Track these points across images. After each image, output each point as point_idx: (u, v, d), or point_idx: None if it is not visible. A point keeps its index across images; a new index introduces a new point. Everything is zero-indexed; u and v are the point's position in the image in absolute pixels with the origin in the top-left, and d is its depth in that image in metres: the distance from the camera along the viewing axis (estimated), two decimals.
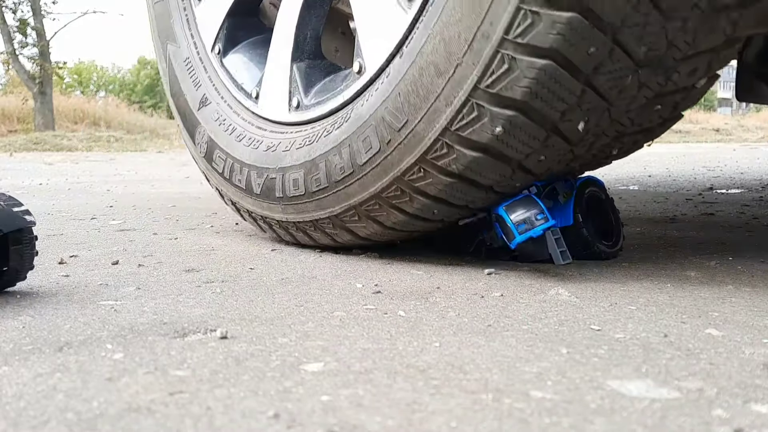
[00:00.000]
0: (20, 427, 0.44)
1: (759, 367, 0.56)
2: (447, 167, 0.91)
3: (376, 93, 0.98)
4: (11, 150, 7.81)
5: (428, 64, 0.88)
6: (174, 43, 1.39)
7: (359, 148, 0.99)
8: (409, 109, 0.91)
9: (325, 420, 0.45)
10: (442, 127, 0.88)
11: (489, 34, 0.80)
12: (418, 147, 0.91)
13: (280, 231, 1.21)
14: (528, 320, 0.72)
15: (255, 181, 1.17)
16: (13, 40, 11.91)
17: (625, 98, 0.86)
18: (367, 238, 1.08)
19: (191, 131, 1.35)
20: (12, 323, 0.70)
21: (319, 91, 1.14)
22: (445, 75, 0.86)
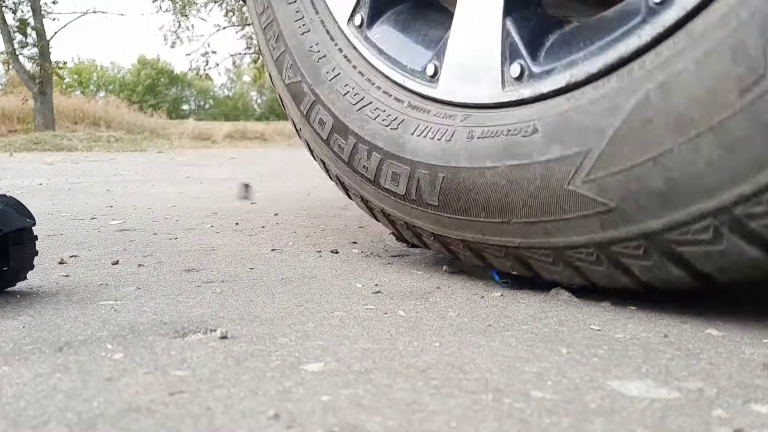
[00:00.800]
0: (20, 427, 0.44)
1: (759, 367, 0.56)
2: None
3: None
4: (11, 150, 7.81)
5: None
6: None
7: None
8: None
9: (325, 420, 0.45)
10: None
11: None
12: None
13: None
14: (528, 320, 0.72)
15: None
16: (13, 40, 11.91)
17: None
18: None
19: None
20: (12, 323, 0.70)
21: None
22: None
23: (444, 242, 0.92)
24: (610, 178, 0.70)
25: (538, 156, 0.76)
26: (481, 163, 0.82)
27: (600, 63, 0.73)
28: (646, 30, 0.69)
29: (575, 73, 0.76)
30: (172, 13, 15.43)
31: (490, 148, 0.81)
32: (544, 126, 0.76)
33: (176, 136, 12.11)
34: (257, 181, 3.36)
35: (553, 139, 0.75)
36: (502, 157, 0.80)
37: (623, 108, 0.69)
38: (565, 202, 0.74)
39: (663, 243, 0.69)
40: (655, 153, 0.66)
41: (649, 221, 0.69)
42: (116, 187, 2.81)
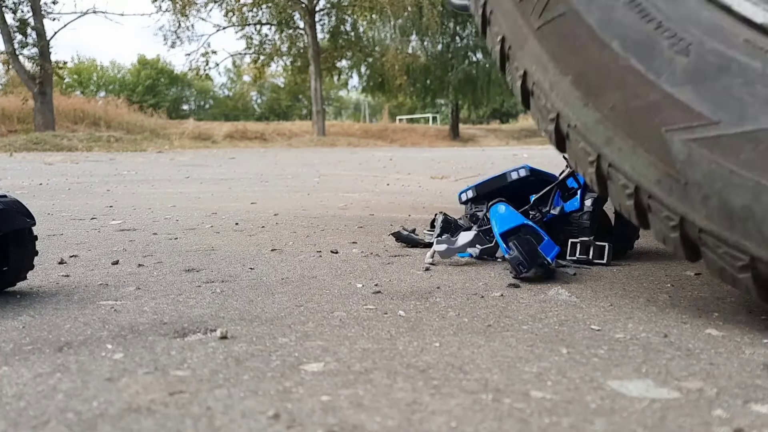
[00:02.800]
0: (20, 427, 0.44)
1: (759, 367, 0.56)
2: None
3: None
4: (11, 150, 7.80)
5: None
6: None
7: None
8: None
9: (325, 420, 0.45)
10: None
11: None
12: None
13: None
14: (528, 320, 0.72)
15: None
16: (13, 40, 11.91)
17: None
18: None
19: None
20: (12, 323, 0.70)
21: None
22: None
23: None
24: (708, 161, 0.59)
25: (665, 83, 0.62)
26: (609, 40, 0.66)
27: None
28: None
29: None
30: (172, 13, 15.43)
31: (629, 30, 0.65)
32: (698, 56, 0.60)
33: (176, 136, 12.11)
34: (257, 180, 3.36)
35: (695, 79, 0.60)
36: (632, 50, 0.64)
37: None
38: (650, 140, 0.64)
39: (695, 237, 0.64)
40: (764, 180, 0.57)
41: (699, 216, 0.63)
42: (116, 187, 2.81)
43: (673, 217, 0.65)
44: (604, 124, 0.67)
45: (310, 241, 1.32)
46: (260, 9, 16.39)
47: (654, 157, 0.64)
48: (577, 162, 0.74)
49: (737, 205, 0.59)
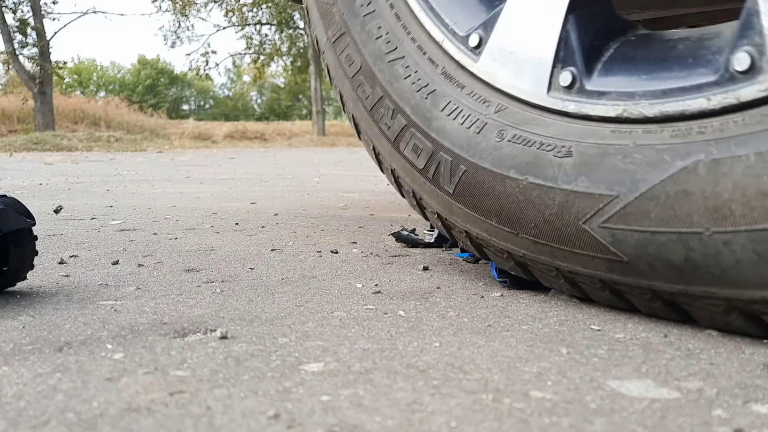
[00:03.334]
0: (20, 427, 0.44)
1: (759, 367, 0.56)
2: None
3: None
4: (11, 150, 7.81)
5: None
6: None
7: None
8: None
9: (325, 420, 0.45)
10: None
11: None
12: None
13: None
14: (528, 320, 0.72)
15: None
16: (13, 40, 11.91)
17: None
18: None
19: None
20: (12, 323, 0.70)
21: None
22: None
23: (447, 225, 0.90)
24: (629, 233, 0.65)
25: (562, 183, 0.71)
26: (505, 172, 0.77)
27: (659, 109, 0.66)
28: (718, 97, 0.62)
29: (629, 109, 0.68)
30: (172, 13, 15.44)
31: (518, 158, 0.76)
32: (580, 153, 0.70)
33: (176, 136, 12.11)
34: (257, 180, 3.36)
35: (584, 170, 0.69)
36: (527, 171, 0.74)
37: (667, 168, 0.63)
38: (577, 239, 0.70)
39: (671, 300, 0.67)
40: (683, 229, 0.61)
41: (659, 283, 0.66)
42: (116, 187, 2.81)
43: (645, 293, 0.69)
44: (540, 243, 0.75)
45: (310, 241, 1.32)
46: (260, 9, 16.40)
47: (591, 251, 0.70)
48: None
49: (679, 261, 0.63)
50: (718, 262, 0.60)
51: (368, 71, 0.94)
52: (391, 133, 0.91)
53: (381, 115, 0.93)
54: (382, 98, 0.92)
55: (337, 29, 1.01)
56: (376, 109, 0.94)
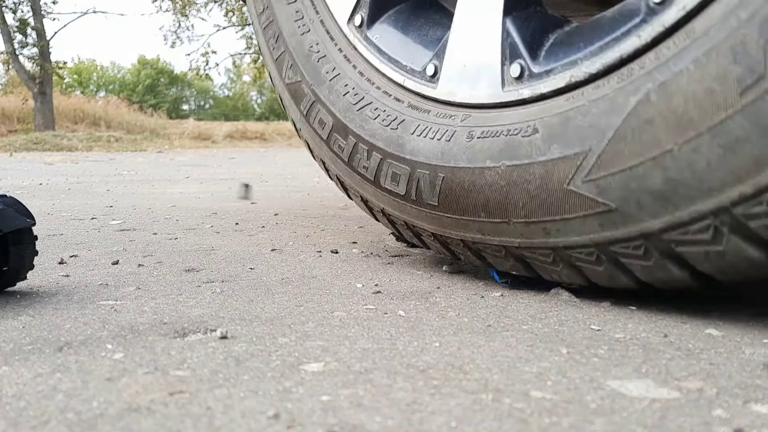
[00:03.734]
0: (20, 427, 0.44)
1: (759, 367, 0.56)
2: None
3: None
4: (11, 150, 7.81)
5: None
6: None
7: None
8: None
9: (325, 420, 0.45)
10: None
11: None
12: None
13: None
14: (528, 320, 0.72)
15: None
16: (13, 40, 11.91)
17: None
18: None
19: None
20: (12, 323, 0.70)
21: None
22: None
23: (444, 242, 0.93)
24: (610, 178, 0.69)
25: (537, 156, 0.76)
26: (481, 164, 0.81)
27: (600, 63, 0.73)
28: (646, 30, 0.69)
29: (575, 74, 0.75)
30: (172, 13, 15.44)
31: (490, 149, 0.81)
32: (544, 126, 0.76)
33: (176, 136, 12.11)
34: (257, 181, 3.36)
35: (553, 139, 0.75)
36: (501, 157, 0.79)
37: (624, 108, 0.68)
38: (565, 203, 0.74)
39: (663, 243, 0.69)
40: (655, 153, 0.66)
41: (648, 221, 0.68)
42: (116, 187, 2.81)
43: (639, 244, 0.71)
44: (532, 223, 0.78)
45: (310, 241, 1.32)
46: None
47: (581, 210, 0.73)
48: None
49: (660, 185, 0.67)
50: (693, 172, 0.64)
51: (340, 125, 1.04)
52: (371, 173, 0.98)
53: (358, 160, 1.01)
54: (357, 144, 1.00)
55: (307, 101, 1.11)
56: (353, 156, 1.01)
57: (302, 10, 1.14)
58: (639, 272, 0.73)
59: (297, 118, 1.16)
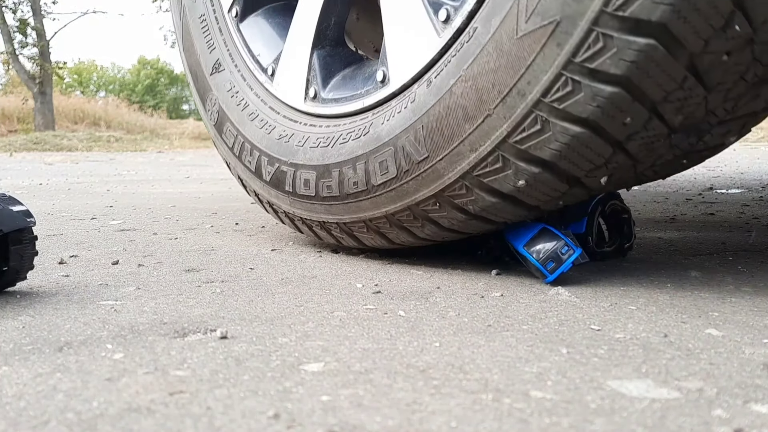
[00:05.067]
0: (20, 427, 0.44)
1: (759, 367, 0.56)
2: (464, 206, 0.89)
3: (398, 116, 0.93)
4: (11, 150, 7.81)
5: (456, 107, 0.84)
6: None
7: (375, 169, 0.96)
8: (432, 146, 0.88)
9: (325, 420, 0.45)
10: (464, 171, 0.85)
11: (525, 92, 0.77)
12: (436, 183, 0.89)
13: (286, 220, 1.19)
14: (528, 320, 0.72)
15: (265, 167, 1.13)
16: (13, 40, 11.91)
17: (654, 157, 0.83)
18: (373, 247, 1.09)
19: (202, 95, 1.28)
20: (12, 323, 0.70)
21: (337, 85, 1.09)
22: (473, 121, 0.83)
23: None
24: None
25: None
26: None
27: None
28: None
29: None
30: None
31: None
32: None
33: (176, 136, 12.11)
34: None
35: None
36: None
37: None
38: None
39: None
40: None
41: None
42: (116, 187, 2.81)
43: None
44: None
45: (310, 241, 1.32)
46: None
47: None
48: None
49: None
50: None
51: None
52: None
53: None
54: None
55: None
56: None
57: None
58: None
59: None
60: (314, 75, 1.11)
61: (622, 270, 1.00)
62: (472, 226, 0.93)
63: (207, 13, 1.28)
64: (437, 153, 0.88)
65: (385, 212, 0.98)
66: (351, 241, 1.10)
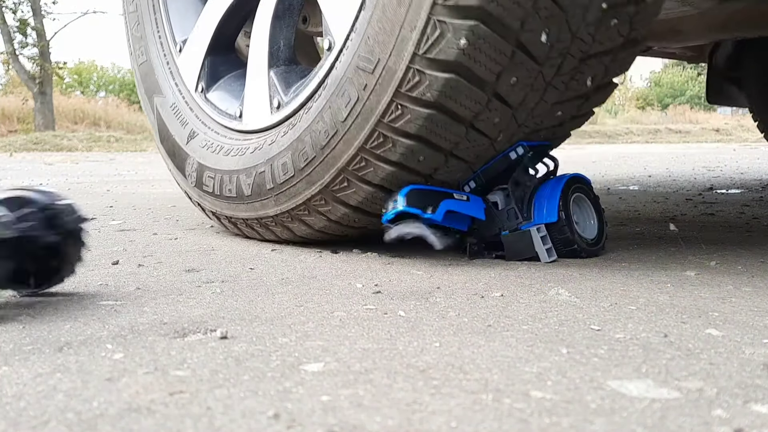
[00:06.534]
0: (20, 427, 0.44)
1: (759, 367, 0.56)
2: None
3: (342, 62, 1.07)
4: (11, 150, 7.81)
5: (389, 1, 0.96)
6: (160, 95, 1.48)
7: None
8: (379, 48, 0.98)
9: (325, 420, 0.45)
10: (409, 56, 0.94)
11: None
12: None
13: (261, 229, 1.29)
14: (528, 320, 0.72)
15: (245, 182, 1.23)
16: (13, 40, 11.91)
17: (526, 100, 1.00)
18: (322, 230, 1.18)
19: (181, 167, 1.41)
20: (12, 323, 0.70)
21: (296, 88, 1.22)
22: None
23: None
24: None
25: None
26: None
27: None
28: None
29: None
30: None
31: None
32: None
33: None
34: None
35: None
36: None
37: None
38: None
39: None
40: None
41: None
42: (116, 187, 2.81)
43: None
44: None
45: (310, 241, 1.32)
46: None
47: None
48: None
49: None
50: None
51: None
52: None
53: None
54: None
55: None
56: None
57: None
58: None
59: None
60: (275, 89, 1.27)
61: (622, 270, 1.00)
62: (354, 219, 1.11)
63: (177, 101, 1.50)
64: (384, 51, 1.00)
65: (284, 208, 1.17)
66: (266, 234, 1.27)
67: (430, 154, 1.01)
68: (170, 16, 1.49)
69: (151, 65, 1.50)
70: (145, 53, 1.50)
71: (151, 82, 1.51)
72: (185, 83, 1.46)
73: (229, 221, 1.34)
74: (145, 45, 1.52)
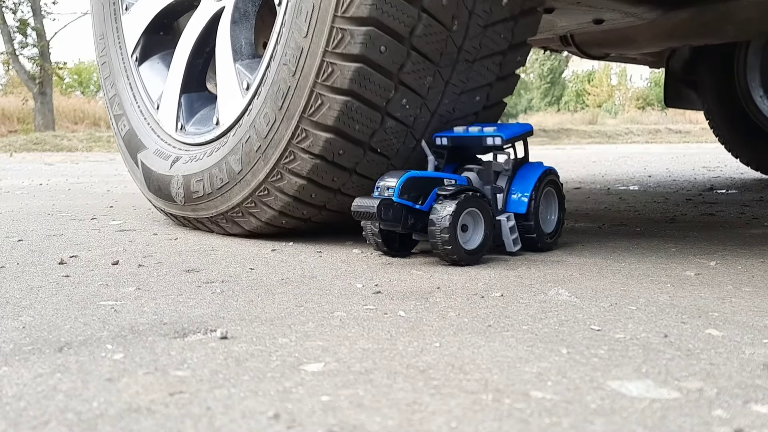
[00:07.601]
0: (20, 427, 0.44)
1: (759, 367, 0.56)
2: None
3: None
4: (11, 150, 7.81)
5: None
6: (144, 149, 1.61)
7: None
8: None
9: (325, 420, 0.45)
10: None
11: None
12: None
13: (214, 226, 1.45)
14: (528, 320, 0.72)
15: (207, 182, 1.40)
16: (13, 41, 11.91)
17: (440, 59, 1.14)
18: (252, 230, 1.33)
19: (167, 194, 1.51)
20: (12, 323, 0.70)
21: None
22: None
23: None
24: None
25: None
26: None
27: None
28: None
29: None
30: None
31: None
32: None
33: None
34: None
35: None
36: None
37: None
38: None
39: None
40: None
41: None
42: (116, 188, 2.81)
43: None
44: None
45: (310, 241, 1.32)
46: None
47: None
48: None
49: None
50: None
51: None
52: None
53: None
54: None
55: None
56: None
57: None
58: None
59: None
60: (182, 113, 1.50)
61: (622, 270, 1.01)
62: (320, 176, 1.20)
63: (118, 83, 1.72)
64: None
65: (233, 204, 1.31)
66: (236, 228, 1.36)
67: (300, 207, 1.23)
68: (145, 84, 1.66)
69: (134, 131, 1.63)
70: (128, 123, 1.65)
71: (135, 143, 1.62)
72: (166, 131, 1.58)
73: (181, 219, 1.50)
74: (126, 117, 1.67)
